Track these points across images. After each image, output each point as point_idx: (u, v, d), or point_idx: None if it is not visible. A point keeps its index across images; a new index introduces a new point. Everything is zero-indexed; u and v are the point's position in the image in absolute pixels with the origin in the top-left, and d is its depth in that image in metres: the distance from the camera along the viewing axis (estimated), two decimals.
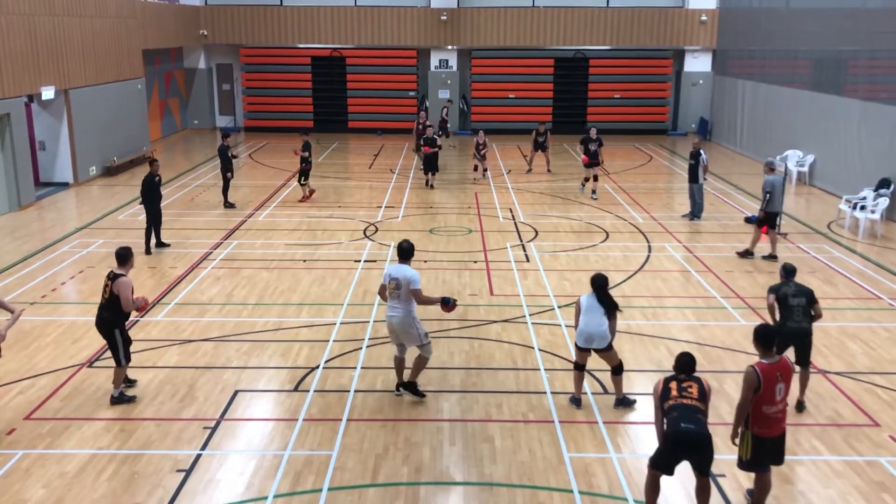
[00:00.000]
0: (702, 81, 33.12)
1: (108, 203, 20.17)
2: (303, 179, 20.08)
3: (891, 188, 18.23)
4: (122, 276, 9.25)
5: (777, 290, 9.26)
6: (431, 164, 22.10)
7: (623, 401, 9.35)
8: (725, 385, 9.93)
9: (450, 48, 32.76)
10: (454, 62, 33.16)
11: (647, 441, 8.48)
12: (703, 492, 7.07)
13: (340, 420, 9.06)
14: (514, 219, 18.64)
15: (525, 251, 15.97)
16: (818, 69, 24.02)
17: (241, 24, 32.25)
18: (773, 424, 7.12)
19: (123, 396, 9.43)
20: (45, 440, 8.63)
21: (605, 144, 21.45)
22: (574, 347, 9.37)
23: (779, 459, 7.34)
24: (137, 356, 10.00)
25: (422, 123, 24.57)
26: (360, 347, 11.08)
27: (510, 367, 10.51)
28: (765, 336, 7.21)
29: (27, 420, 9.02)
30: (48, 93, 20.73)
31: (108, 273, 9.38)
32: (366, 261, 15.18)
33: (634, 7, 31.89)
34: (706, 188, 19.53)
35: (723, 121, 31.04)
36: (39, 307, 12.74)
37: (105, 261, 15.08)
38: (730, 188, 22.37)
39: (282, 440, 8.66)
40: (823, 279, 14.27)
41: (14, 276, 14.23)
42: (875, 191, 18.31)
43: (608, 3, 32.21)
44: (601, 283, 9.21)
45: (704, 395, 7.00)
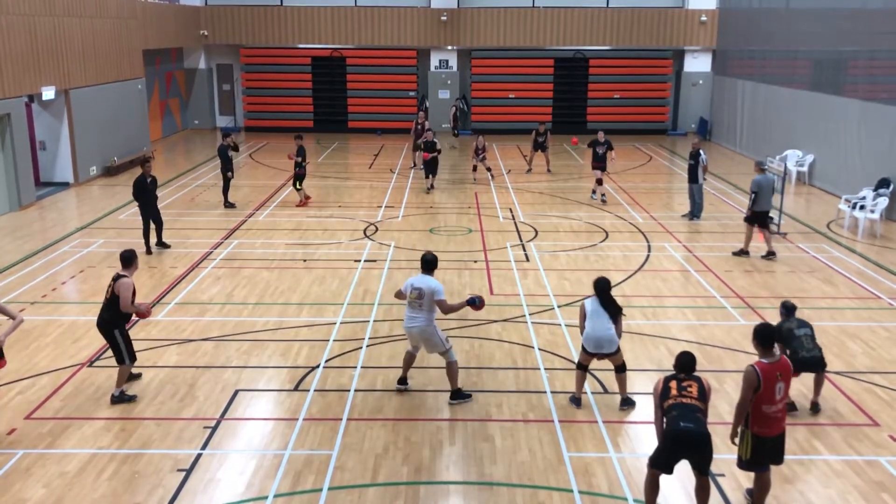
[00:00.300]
0: (702, 81, 33.13)
1: (109, 203, 20.18)
2: (298, 184, 19.75)
3: (890, 188, 18.23)
4: (125, 277, 9.36)
5: (780, 329, 9.06)
6: (432, 169, 21.78)
7: (627, 400, 9.35)
8: (725, 384, 9.93)
9: (450, 48, 32.77)
10: (454, 62, 33.17)
11: (647, 441, 8.48)
12: (703, 491, 7.08)
13: (340, 420, 9.07)
14: (514, 219, 18.64)
15: (525, 251, 15.97)
16: (818, 69, 24.02)
17: (242, 25, 32.26)
18: (773, 424, 7.13)
19: (124, 396, 9.45)
20: (46, 440, 8.63)
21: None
22: (580, 350, 9.32)
23: (779, 459, 7.35)
24: (138, 356, 10.00)
25: (420, 124, 24.57)
26: (361, 347, 11.09)
27: (510, 367, 10.52)
28: (764, 335, 7.21)
29: (27, 420, 9.03)
30: (48, 93, 20.74)
31: (114, 275, 9.49)
32: (366, 261, 15.19)
33: (634, 7, 31.91)
34: (706, 188, 19.53)
35: (722, 121, 31.05)
36: (40, 307, 12.75)
37: (105, 261, 15.10)
38: (729, 188, 22.38)
39: (282, 440, 8.67)
40: (823, 279, 14.28)
41: (14, 276, 14.24)
42: (874, 191, 18.32)
43: (608, 3, 32.22)
44: (604, 287, 9.17)
45: (704, 395, 7.02)
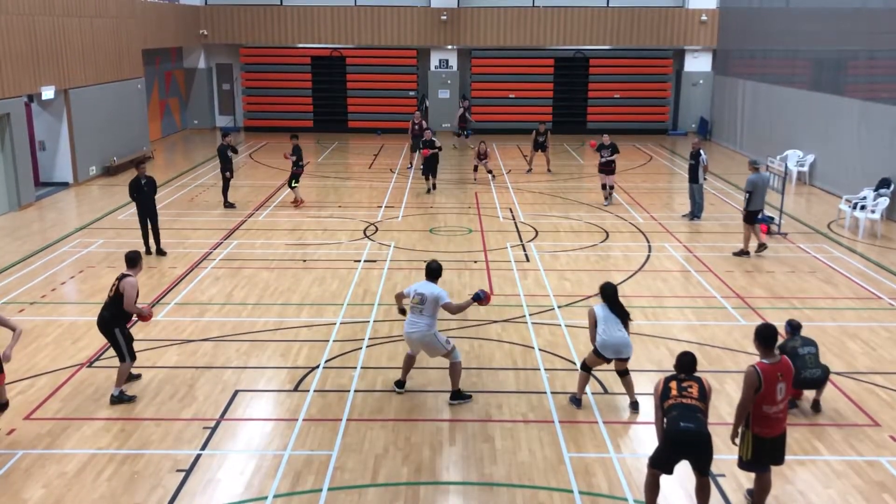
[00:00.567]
0: (702, 81, 33.13)
1: (108, 203, 20.17)
2: (294, 182, 19.55)
3: (891, 188, 18.23)
4: (130, 277, 9.43)
5: (784, 347, 9.01)
6: (431, 167, 21.43)
7: (635, 404, 9.30)
8: (725, 385, 9.92)
9: (450, 48, 32.77)
10: (454, 62, 33.16)
11: (647, 441, 8.47)
12: (703, 491, 7.07)
13: (340, 420, 9.06)
14: (514, 219, 18.64)
15: (525, 251, 15.96)
16: (818, 69, 24.02)
17: (241, 24, 32.25)
18: (774, 424, 7.12)
19: (123, 396, 9.45)
20: (45, 440, 8.63)
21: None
22: (591, 353, 9.25)
23: (779, 459, 7.34)
24: (138, 356, 9.99)
25: (417, 124, 24.57)
26: (360, 347, 11.08)
27: (510, 367, 10.51)
28: (766, 336, 7.20)
29: (27, 420, 9.02)
30: (48, 93, 20.73)
31: (119, 274, 9.53)
32: (366, 261, 15.18)
33: (634, 7, 31.91)
34: (706, 188, 19.53)
35: (723, 121, 31.04)
36: (39, 307, 12.74)
37: (105, 261, 15.09)
38: (730, 188, 22.36)
39: (282, 440, 8.66)
40: (823, 279, 14.27)
41: (14, 276, 14.23)
42: (875, 191, 18.31)
43: (608, 3, 32.22)
44: (613, 293, 9.13)
45: (704, 395, 7.01)
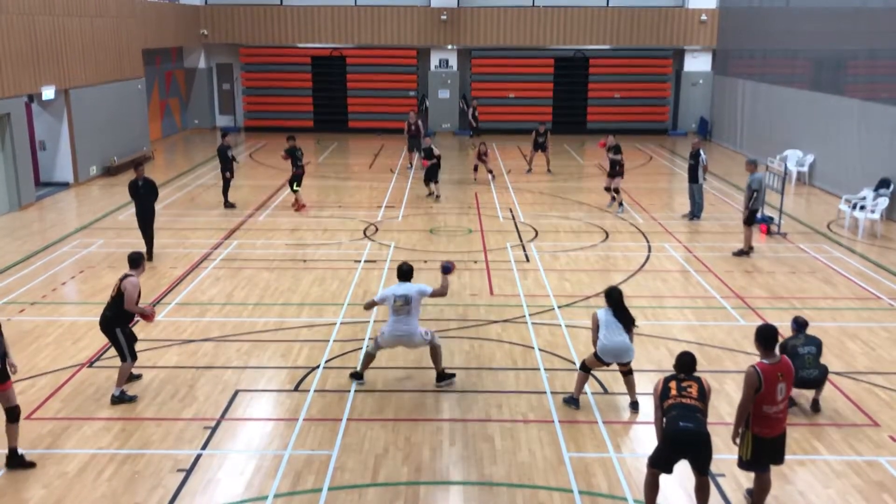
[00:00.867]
0: (702, 81, 33.13)
1: (109, 203, 20.17)
2: (296, 186, 19.21)
3: (890, 188, 18.23)
4: (132, 277, 9.46)
5: (786, 345, 9.02)
6: (433, 176, 20.85)
7: (635, 404, 9.32)
8: (725, 385, 9.93)
9: (450, 48, 32.77)
10: (454, 62, 33.16)
11: (647, 441, 8.47)
12: (703, 491, 7.08)
13: (340, 420, 9.06)
14: (514, 219, 18.64)
15: (525, 251, 15.97)
16: (818, 69, 24.02)
17: (241, 24, 32.26)
18: (774, 424, 7.12)
19: (124, 396, 9.45)
20: (45, 440, 8.63)
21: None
22: (592, 356, 9.27)
23: (779, 459, 7.34)
24: (138, 356, 9.99)
25: (413, 124, 24.59)
26: (361, 347, 11.07)
27: (510, 367, 10.52)
28: (766, 336, 7.20)
29: (27, 420, 9.00)
30: (48, 93, 20.74)
31: (122, 274, 9.56)
32: (366, 261, 15.19)
33: (634, 7, 31.91)
34: (706, 188, 19.54)
35: (723, 121, 31.04)
36: (40, 307, 12.75)
37: (105, 261, 15.09)
38: (730, 188, 22.36)
39: (282, 440, 8.66)
40: (823, 279, 14.28)
41: (14, 276, 14.23)
42: (875, 191, 18.31)
43: (608, 3, 32.22)
44: (618, 299, 9.12)
45: (704, 395, 7.02)
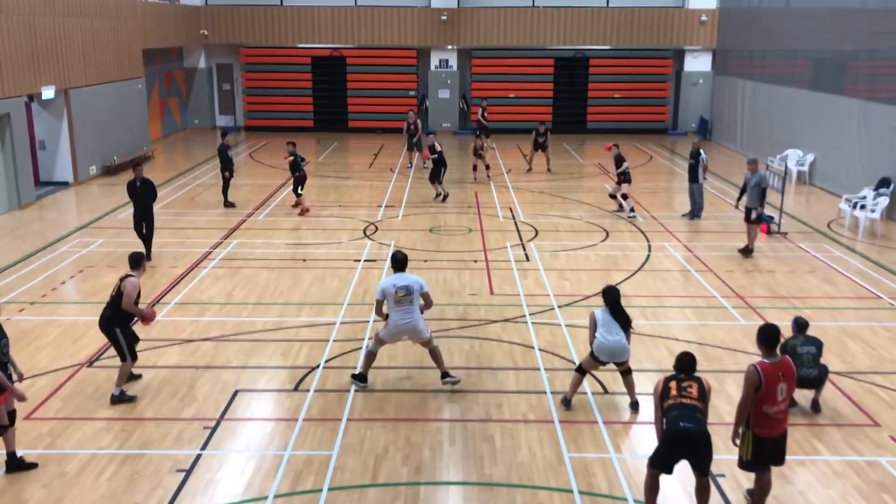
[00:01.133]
0: (702, 81, 33.12)
1: (108, 202, 20.16)
2: (299, 189, 18.96)
3: (891, 187, 18.22)
4: (132, 277, 9.46)
5: (785, 345, 9.00)
6: (436, 176, 20.57)
7: (635, 404, 9.32)
8: (726, 385, 9.92)
9: (450, 48, 32.76)
10: (454, 62, 33.16)
11: (647, 441, 8.47)
12: (703, 491, 7.07)
13: (340, 420, 9.06)
14: (514, 218, 18.63)
15: (525, 250, 15.96)
16: (818, 69, 24.00)
17: (241, 24, 32.25)
18: (775, 425, 7.11)
19: (124, 396, 9.45)
20: (45, 440, 8.63)
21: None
22: (588, 356, 9.26)
23: (779, 459, 7.33)
24: (138, 356, 9.99)
25: (412, 123, 24.60)
26: (360, 347, 11.07)
27: (510, 367, 10.51)
28: (768, 336, 7.18)
29: (27, 420, 9.01)
30: (48, 92, 20.73)
31: (122, 274, 9.55)
32: (366, 260, 15.18)
33: (634, 7, 31.90)
34: (706, 188, 19.54)
35: (723, 120, 31.04)
36: (39, 307, 12.74)
37: (105, 260, 15.09)
38: (730, 188, 22.34)
39: (282, 440, 8.66)
40: (823, 279, 14.27)
41: (14, 276, 14.23)
42: (875, 190, 18.31)
43: (608, 3, 32.21)
44: (615, 298, 9.11)
45: (704, 395, 7.01)
